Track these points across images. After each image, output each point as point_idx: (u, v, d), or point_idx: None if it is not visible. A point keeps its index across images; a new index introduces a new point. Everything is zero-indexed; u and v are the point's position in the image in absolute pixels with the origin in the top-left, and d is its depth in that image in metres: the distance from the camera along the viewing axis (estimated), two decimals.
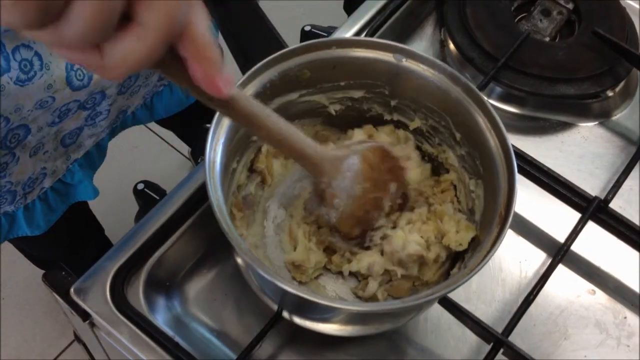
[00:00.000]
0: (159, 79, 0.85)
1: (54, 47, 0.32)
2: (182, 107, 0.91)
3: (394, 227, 0.61)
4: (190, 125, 0.99)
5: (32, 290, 1.63)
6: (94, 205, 1.21)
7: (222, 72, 0.37)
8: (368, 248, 0.61)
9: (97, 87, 0.73)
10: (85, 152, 0.84)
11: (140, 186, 0.70)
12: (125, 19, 0.32)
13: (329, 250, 0.63)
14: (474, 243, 0.59)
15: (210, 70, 0.37)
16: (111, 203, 1.44)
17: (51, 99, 0.68)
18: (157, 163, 0.96)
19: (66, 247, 1.07)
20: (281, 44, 0.63)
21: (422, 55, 0.59)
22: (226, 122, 0.56)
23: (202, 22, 0.36)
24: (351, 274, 0.62)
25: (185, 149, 1.80)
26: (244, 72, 0.57)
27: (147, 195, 0.70)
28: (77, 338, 0.71)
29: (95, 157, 0.86)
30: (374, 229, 0.60)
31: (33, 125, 0.71)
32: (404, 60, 0.59)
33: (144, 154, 1.71)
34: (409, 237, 0.59)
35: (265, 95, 0.59)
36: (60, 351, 1.57)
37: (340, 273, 0.63)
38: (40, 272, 1.50)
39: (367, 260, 0.60)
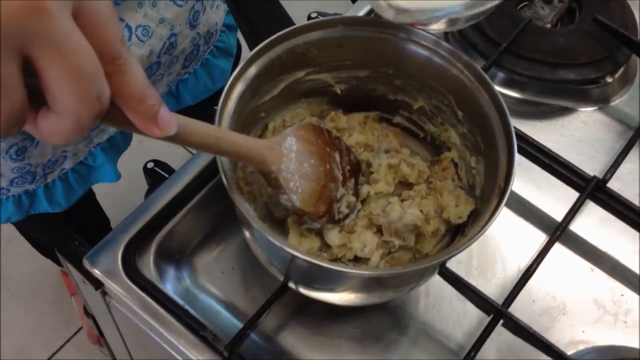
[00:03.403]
0: (183, 67, 0.85)
1: None
2: (209, 94, 0.91)
3: (355, 195, 0.63)
4: (201, 112, 1.00)
5: (37, 282, 1.65)
6: (100, 197, 1.23)
7: (158, 118, 0.40)
8: (338, 221, 0.62)
9: None
10: (109, 136, 0.85)
11: (150, 165, 0.72)
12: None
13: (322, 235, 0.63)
14: (474, 217, 0.61)
15: (147, 119, 0.39)
16: (116, 195, 1.45)
17: None
18: (162, 157, 0.97)
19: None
20: (291, 24, 0.65)
21: (426, 35, 0.61)
22: (233, 100, 0.57)
23: (132, 77, 0.37)
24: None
25: None
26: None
27: (157, 174, 0.72)
28: (87, 312, 0.73)
29: (119, 142, 0.87)
30: (337, 201, 0.61)
31: None
32: (408, 39, 0.61)
33: (148, 148, 1.72)
34: (407, 210, 0.60)
35: (272, 72, 0.60)
36: (64, 342, 1.59)
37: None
38: (44, 264, 1.52)
39: (359, 241, 0.62)
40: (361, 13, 0.80)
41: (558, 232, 0.66)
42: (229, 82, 0.56)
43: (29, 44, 0.32)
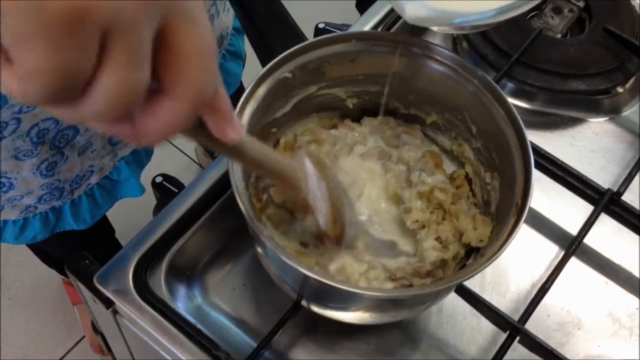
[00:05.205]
0: None
1: (70, 120, 0.31)
2: None
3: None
4: None
5: (39, 291, 1.64)
6: None
7: (231, 121, 0.38)
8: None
9: None
10: (133, 150, 0.84)
11: (159, 179, 0.72)
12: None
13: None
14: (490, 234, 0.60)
15: (222, 121, 0.38)
16: (119, 206, 1.44)
17: None
18: (163, 165, 0.96)
19: (79, 246, 1.08)
20: (302, 39, 0.64)
21: (441, 50, 0.60)
22: (245, 118, 0.57)
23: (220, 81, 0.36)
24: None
25: (190, 150, 1.81)
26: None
27: (165, 188, 0.71)
28: (95, 329, 0.72)
29: (142, 155, 0.86)
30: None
31: (81, 126, 0.72)
32: (422, 54, 0.60)
33: (151, 162, 1.72)
34: (424, 246, 0.59)
35: (284, 88, 0.60)
36: (67, 351, 1.58)
37: None
38: (45, 273, 1.50)
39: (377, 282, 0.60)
40: (370, 24, 0.79)
41: (574, 246, 0.65)
42: (241, 100, 0.56)
43: (172, 13, 0.29)
